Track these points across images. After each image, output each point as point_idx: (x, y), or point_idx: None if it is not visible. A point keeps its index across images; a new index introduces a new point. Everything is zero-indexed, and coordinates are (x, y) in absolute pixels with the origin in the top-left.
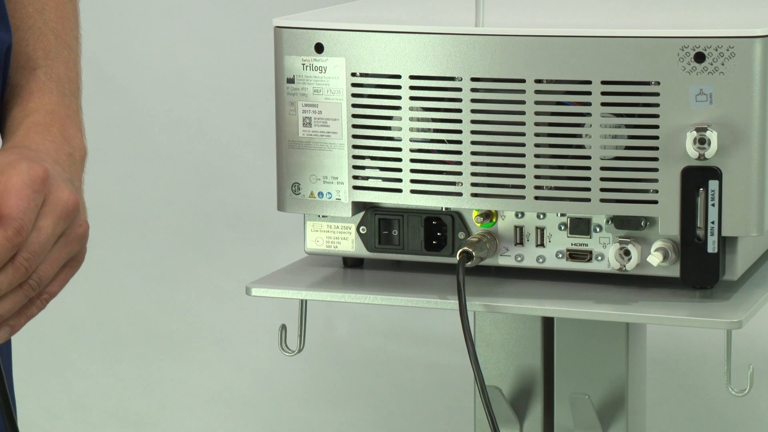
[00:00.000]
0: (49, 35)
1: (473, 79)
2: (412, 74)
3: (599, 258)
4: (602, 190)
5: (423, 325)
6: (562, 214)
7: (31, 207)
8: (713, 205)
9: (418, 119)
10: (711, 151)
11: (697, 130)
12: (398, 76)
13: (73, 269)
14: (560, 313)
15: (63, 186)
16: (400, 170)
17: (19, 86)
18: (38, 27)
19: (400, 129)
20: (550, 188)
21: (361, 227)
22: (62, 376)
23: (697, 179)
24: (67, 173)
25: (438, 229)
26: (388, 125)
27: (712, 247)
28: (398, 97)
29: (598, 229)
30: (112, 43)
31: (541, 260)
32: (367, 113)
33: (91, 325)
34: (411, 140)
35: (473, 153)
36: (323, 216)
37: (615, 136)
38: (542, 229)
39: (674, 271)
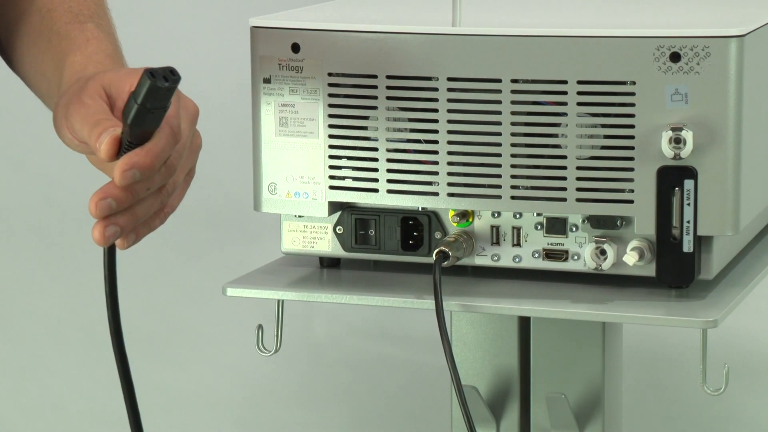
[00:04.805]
0: (89, 1)
1: (450, 79)
2: (388, 74)
3: (575, 257)
4: (578, 189)
5: (400, 325)
6: (539, 214)
7: (177, 109)
8: (689, 204)
9: (395, 119)
10: (686, 151)
11: (673, 129)
12: (375, 76)
13: (188, 183)
14: (537, 312)
15: (184, 95)
16: (376, 170)
17: (69, 38)
18: None
19: (376, 129)
20: (527, 188)
21: (338, 227)
22: (40, 376)
23: (672, 179)
24: None
25: (414, 228)
26: (364, 125)
27: (687, 246)
28: (375, 97)
29: (574, 229)
30: None
31: (517, 260)
32: (344, 113)
33: (68, 325)
34: (387, 140)
35: (450, 153)
36: (300, 216)
37: (591, 136)
38: (518, 229)
39: (650, 271)
